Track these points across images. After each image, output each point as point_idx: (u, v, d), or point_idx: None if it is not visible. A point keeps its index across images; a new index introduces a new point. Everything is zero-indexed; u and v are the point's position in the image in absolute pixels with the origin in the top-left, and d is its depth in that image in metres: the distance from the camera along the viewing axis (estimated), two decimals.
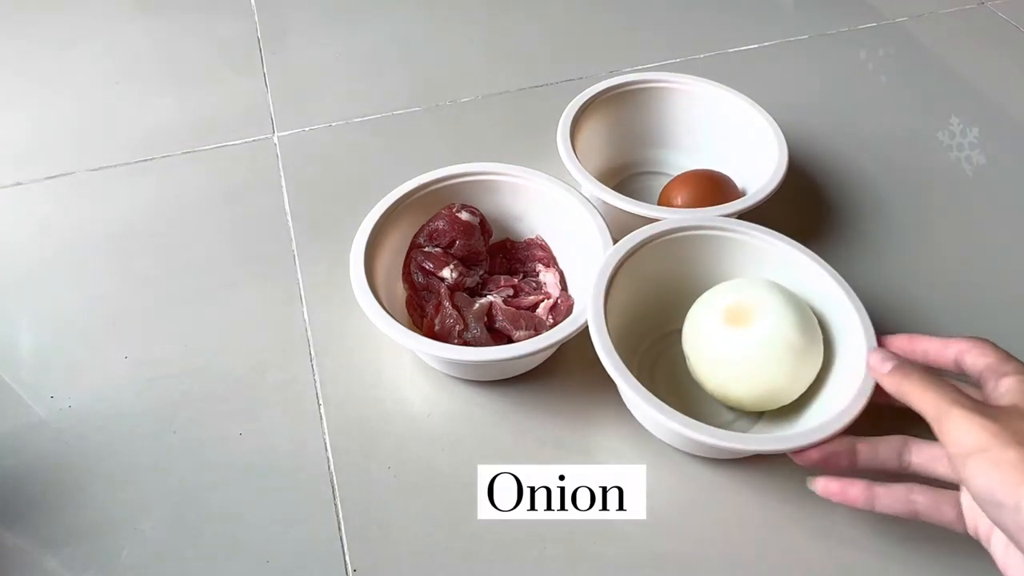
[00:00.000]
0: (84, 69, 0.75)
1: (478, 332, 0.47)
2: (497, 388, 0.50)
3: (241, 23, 0.81)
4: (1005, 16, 0.83)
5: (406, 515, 0.44)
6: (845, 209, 0.62)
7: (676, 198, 0.55)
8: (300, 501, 0.45)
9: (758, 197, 0.51)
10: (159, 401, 0.49)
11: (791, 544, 0.43)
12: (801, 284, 0.47)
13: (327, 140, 0.68)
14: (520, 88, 0.73)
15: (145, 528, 0.43)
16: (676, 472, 0.46)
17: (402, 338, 0.43)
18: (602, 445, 0.47)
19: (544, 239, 0.55)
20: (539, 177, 0.53)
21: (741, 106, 0.59)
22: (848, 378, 0.42)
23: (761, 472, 0.46)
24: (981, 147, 0.68)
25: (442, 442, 0.47)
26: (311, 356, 0.51)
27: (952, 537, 0.41)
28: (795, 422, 0.45)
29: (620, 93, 0.60)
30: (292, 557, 0.43)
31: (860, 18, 0.83)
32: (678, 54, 0.77)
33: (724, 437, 0.38)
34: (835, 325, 0.45)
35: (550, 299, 0.51)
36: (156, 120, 0.69)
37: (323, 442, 0.47)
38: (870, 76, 0.76)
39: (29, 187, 0.63)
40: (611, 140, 0.61)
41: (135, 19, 0.82)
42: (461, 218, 0.51)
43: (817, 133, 0.68)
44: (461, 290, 0.51)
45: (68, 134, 0.68)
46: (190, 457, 0.46)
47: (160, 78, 0.75)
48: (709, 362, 0.45)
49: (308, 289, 0.55)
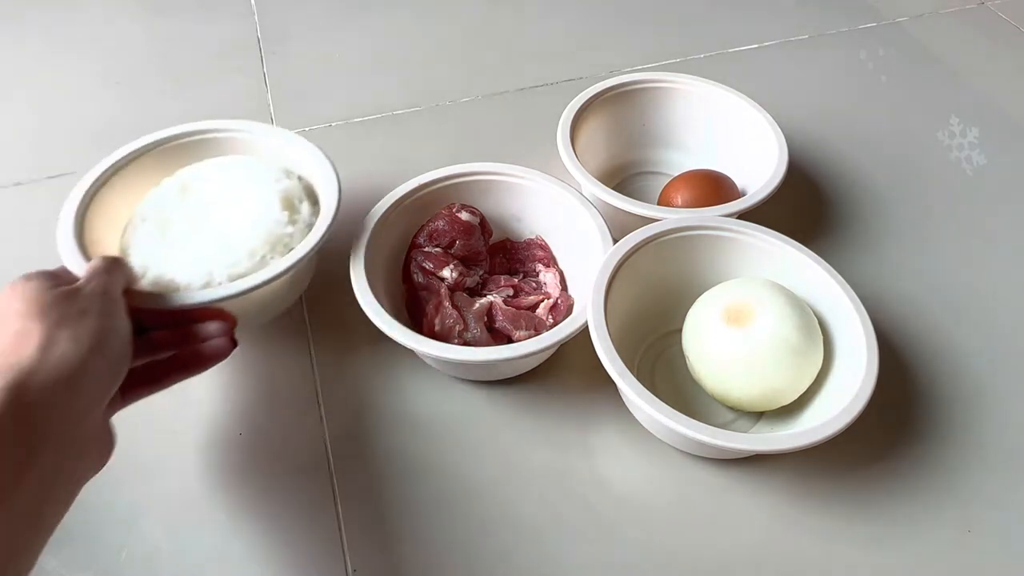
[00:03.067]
0: (84, 69, 0.75)
1: (478, 332, 0.47)
2: (497, 388, 0.50)
3: (241, 23, 0.81)
4: (1005, 16, 0.83)
5: (406, 515, 0.44)
6: (845, 209, 0.62)
7: (676, 198, 0.55)
8: (300, 501, 0.45)
9: (758, 197, 0.51)
10: (159, 401, 0.49)
11: (791, 544, 0.43)
12: (801, 284, 0.47)
13: (327, 140, 0.68)
14: (520, 88, 0.73)
15: (145, 528, 0.43)
16: (676, 472, 0.46)
17: (402, 338, 0.43)
18: (602, 445, 0.47)
19: (544, 239, 0.55)
20: (539, 177, 0.53)
21: (741, 106, 0.59)
22: (848, 378, 0.42)
23: (761, 472, 0.46)
24: (981, 147, 0.68)
25: (442, 442, 0.47)
26: (311, 356, 0.51)
27: (952, 537, 0.41)
28: (795, 422, 0.45)
29: (620, 93, 0.60)
30: (292, 557, 0.43)
31: (860, 18, 0.83)
32: (678, 54, 0.77)
33: (724, 437, 0.38)
34: (835, 325, 0.45)
35: (550, 299, 0.51)
36: (156, 120, 0.69)
37: (323, 442, 0.47)
38: (870, 76, 0.76)
39: (29, 187, 0.63)
40: (611, 140, 0.61)
41: (135, 19, 0.82)
42: (461, 218, 0.51)
43: (817, 133, 0.68)
44: (461, 290, 0.51)
45: (68, 134, 0.68)
46: (190, 457, 0.46)
47: (160, 78, 0.75)
48: (709, 362, 0.45)
49: (308, 289, 0.55)
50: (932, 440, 0.47)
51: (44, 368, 0.30)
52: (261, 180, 0.49)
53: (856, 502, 0.45)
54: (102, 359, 0.33)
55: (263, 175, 0.49)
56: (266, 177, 0.49)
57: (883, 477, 0.46)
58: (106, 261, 0.38)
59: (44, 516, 0.30)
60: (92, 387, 0.32)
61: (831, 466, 0.46)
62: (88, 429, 0.33)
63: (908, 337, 0.53)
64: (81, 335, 0.32)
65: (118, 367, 0.34)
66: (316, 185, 0.50)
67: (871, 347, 0.42)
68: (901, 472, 0.46)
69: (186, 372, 0.41)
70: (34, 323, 0.31)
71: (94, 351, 0.32)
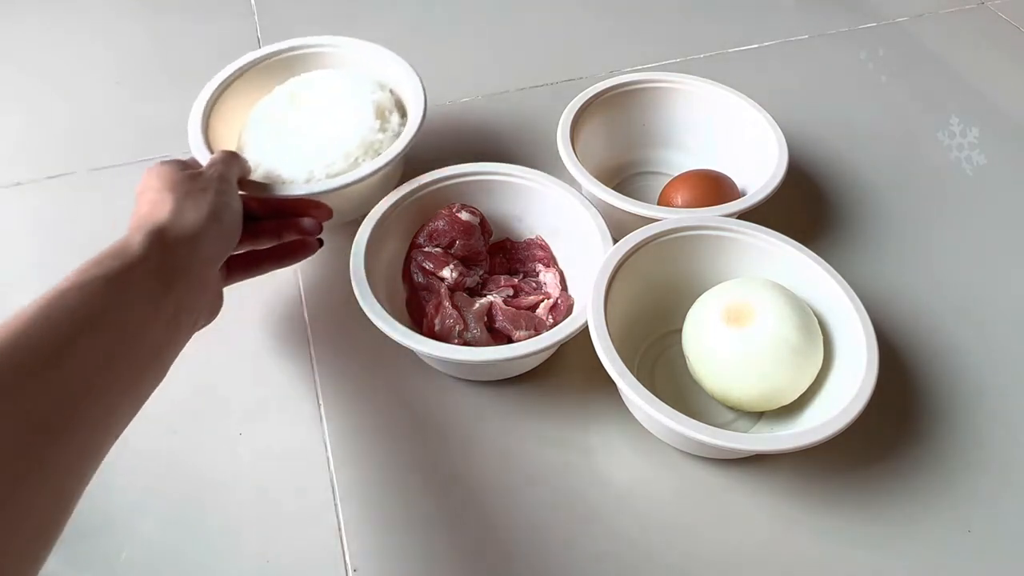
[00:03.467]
0: (84, 69, 0.75)
1: (478, 332, 0.47)
2: (497, 388, 0.50)
3: (241, 23, 0.81)
4: (1005, 16, 0.83)
5: (406, 515, 0.44)
6: (845, 209, 0.62)
7: (676, 198, 0.55)
8: (300, 501, 0.45)
9: (758, 197, 0.51)
10: (159, 401, 0.49)
11: (791, 544, 0.43)
12: (801, 284, 0.47)
13: None
14: (520, 88, 0.73)
15: (145, 528, 0.43)
16: (676, 472, 0.46)
17: (402, 338, 0.43)
18: (602, 445, 0.47)
19: (544, 239, 0.55)
20: (539, 177, 0.53)
21: (741, 106, 0.59)
22: (848, 378, 0.42)
23: (761, 472, 0.46)
24: (981, 147, 0.68)
25: (442, 442, 0.47)
26: (311, 356, 0.51)
27: (952, 537, 0.41)
28: (795, 422, 0.45)
29: (620, 93, 0.60)
30: (292, 557, 0.43)
31: (860, 18, 0.83)
32: (678, 54, 0.77)
33: (724, 437, 0.38)
34: (835, 325, 0.45)
35: (550, 299, 0.51)
36: (156, 120, 0.69)
37: (323, 442, 0.47)
38: (870, 76, 0.76)
39: (29, 187, 0.63)
40: (611, 140, 0.61)
41: (135, 19, 0.82)
42: (461, 218, 0.51)
43: (817, 133, 0.68)
44: (461, 290, 0.51)
45: (68, 134, 0.68)
46: (190, 457, 0.46)
47: (160, 78, 0.75)
48: (709, 362, 0.45)
49: (308, 289, 0.55)
50: (932, 440, 0.47)
51: (174, 227, 0.38)
52: (358, 91, 0.56)
53: (856, 502, 0.45)
54: (218, 226, 0.40)
55: (360, 87, 0.56)
56: (362, 89, 0.56)
57: (883, 477, 0.46)
58: (225, 154, 0.47)
59: (175, 338, 0.37)
60: (209, 247, 0.40)
61: (831, 466, 0.46)
62: (206, 281, 0.40)
63: (908, 337, 0.53)
64: (202, 206, 0.40)
65: (229, 235, 0.42)
66: (405, 98, 0.57)
67: (871, 347, 0.42)
68: (901, 472, 0.46)
69: (278, 263, 0.50)
70: (167, 194, 0.40)
71: (211, 219, 0.40)
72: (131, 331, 0.33)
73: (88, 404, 0.31)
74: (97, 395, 0.31)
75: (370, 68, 0.59)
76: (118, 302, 0.33)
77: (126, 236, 0.37)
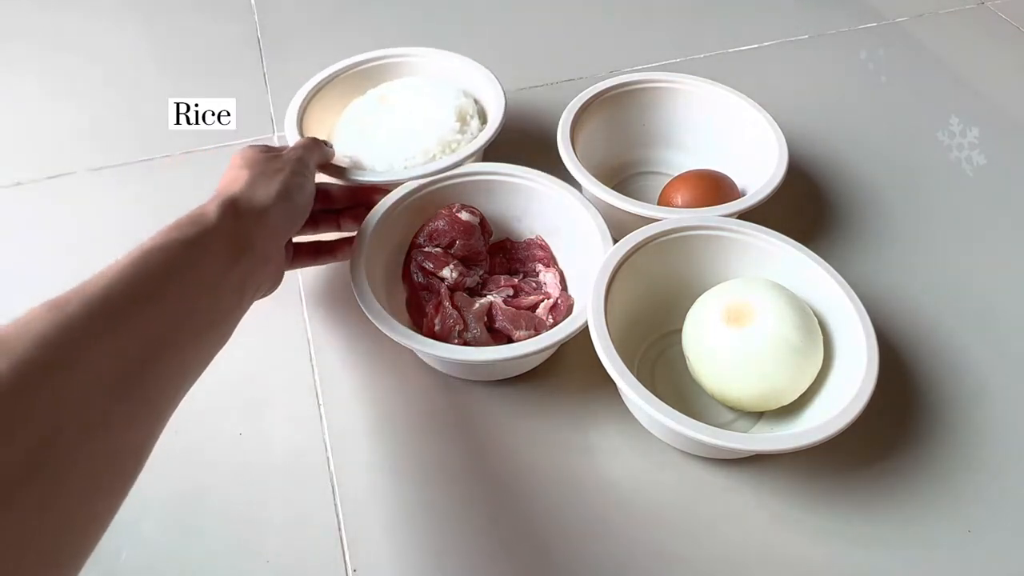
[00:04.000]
0: (84, 69, 0.75)
1: (478, 332, 0.47)
2: (497, 388, 0.50)
3: (241, 23, 0.81)
4: (1005, 16, 0.83)
5: (406, 515, 0.44)
6: (845, 209, 0.62)
7: (676, 198, 0.55)
8: (300, 501, 0.45)
9: (758, 197, 0.51)
10: None
11: (791, 544, 0.43)
12: (801, 284, 0.47)
13: None
14: (520, 88, 0.73)
15: (145, 528, 0.43)
16: (676, 472, 0.46)
17: (402, 338, 0.43)
18: (602, 445, 0.47)
19: (544, 239, 0.55)
20: (539, 177, 0.53)
21: (741, 106, 0.59)
22: (848, 378, 0.42)
23: (761, 472, 0.46)
24: (981, 147, 0.68)
25: (442, 442, 0.47)
26: (311, 356, 0.51)
27: (952, 537, 0.41)
28: (795, 422, 0.45)
29: (620, 93, 0.60)
30: (292, 557, 0.43)
31: (860, 18, 0.83)
32: (678, 54, 0.77)
33: (724, 437, 0.38)
34: (835, 325, 0.45)
35: (550, 299, 0.51)
36: (156, 120, 0.69)
37: (323, 442, 0.47)
38: (870, 76, 0.76)
39: (29, 187, 0.63)
40: (611, 140, 0.61)
41: (135, 19, 0.82)
42: (461, 218, 0.51)
43: (817, 133, 0.68)
44: (461, 290, 0.51)
45: (68, 134, 0.68)
46: (190, 457, 0.46)
47: (160, 78, 0.75)
48: (709, 362, 0.45)
49: (308, 289, 0.55)
50: (932, 440, 0.47)
51: (245, 199, 0.41)
52: (442, 96, 0.60)
53: (856, 502, 0.45)
54: (287, 204, 0.43)
55: (445, 93, 0.61)
56: (447, 95, 0.60)
57: (883, 477, 0.46)
58: (307, 140, 0.51)
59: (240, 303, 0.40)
60: (277, 223, 0.43)
61: (831, 466, 0.46)
62: (271, 254, 0.43)
63: (908, 337, 0.53)
64: (274, 184, 0.43)
65: (297, 214, 0.45)
66: (487, 107, 0.61)
67: (871, 347, 0.42)
68: (901, 472, 0.46)
69: (334, 257, 0.52)
70: (245, 171, 0.43)
71: (281, 197, 0.43)
72: (207, 290, 0.36)
73: (169, 354, 0.33)
74: (177, 347, 0.34)
75: (458, 77, 0.64)
76: (197, 262, 0.36)
77: (204, 205, 0.40)
